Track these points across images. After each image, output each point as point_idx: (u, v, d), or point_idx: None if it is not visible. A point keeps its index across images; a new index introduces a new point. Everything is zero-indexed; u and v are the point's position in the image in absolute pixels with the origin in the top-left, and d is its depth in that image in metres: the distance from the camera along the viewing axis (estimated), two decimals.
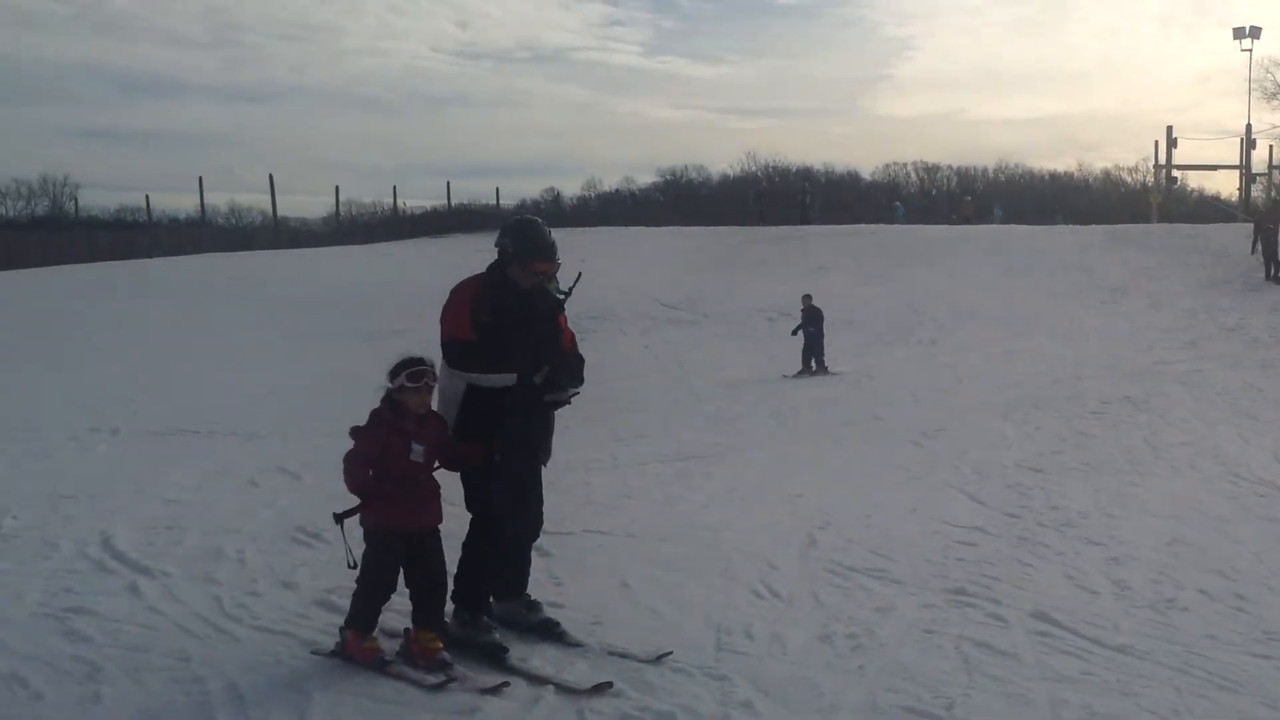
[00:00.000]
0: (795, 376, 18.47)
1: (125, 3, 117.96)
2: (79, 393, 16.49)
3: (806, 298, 19.90)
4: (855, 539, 8.33)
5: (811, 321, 19.30)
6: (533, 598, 6.40)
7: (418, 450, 5.71)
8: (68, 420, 14.05)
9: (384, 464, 5.71)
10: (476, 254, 36.93)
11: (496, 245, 6.20)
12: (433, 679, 5.53)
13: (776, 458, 11.79)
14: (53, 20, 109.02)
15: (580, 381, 6.23)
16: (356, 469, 5.73)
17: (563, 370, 6.06)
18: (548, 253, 6.14)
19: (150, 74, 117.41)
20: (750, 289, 27.57)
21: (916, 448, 12.19)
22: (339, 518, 5.82)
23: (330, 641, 6.15)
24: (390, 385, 5.76)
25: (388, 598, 5.88)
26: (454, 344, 6.02)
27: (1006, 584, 7.18)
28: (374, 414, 5.80)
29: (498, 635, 6.08)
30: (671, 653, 5.85)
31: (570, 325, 6.35)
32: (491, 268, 6.23)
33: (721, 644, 6.15)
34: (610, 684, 5.50)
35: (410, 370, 5.70)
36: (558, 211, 58.16)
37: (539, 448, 6.27)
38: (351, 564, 5.87)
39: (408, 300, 27.12)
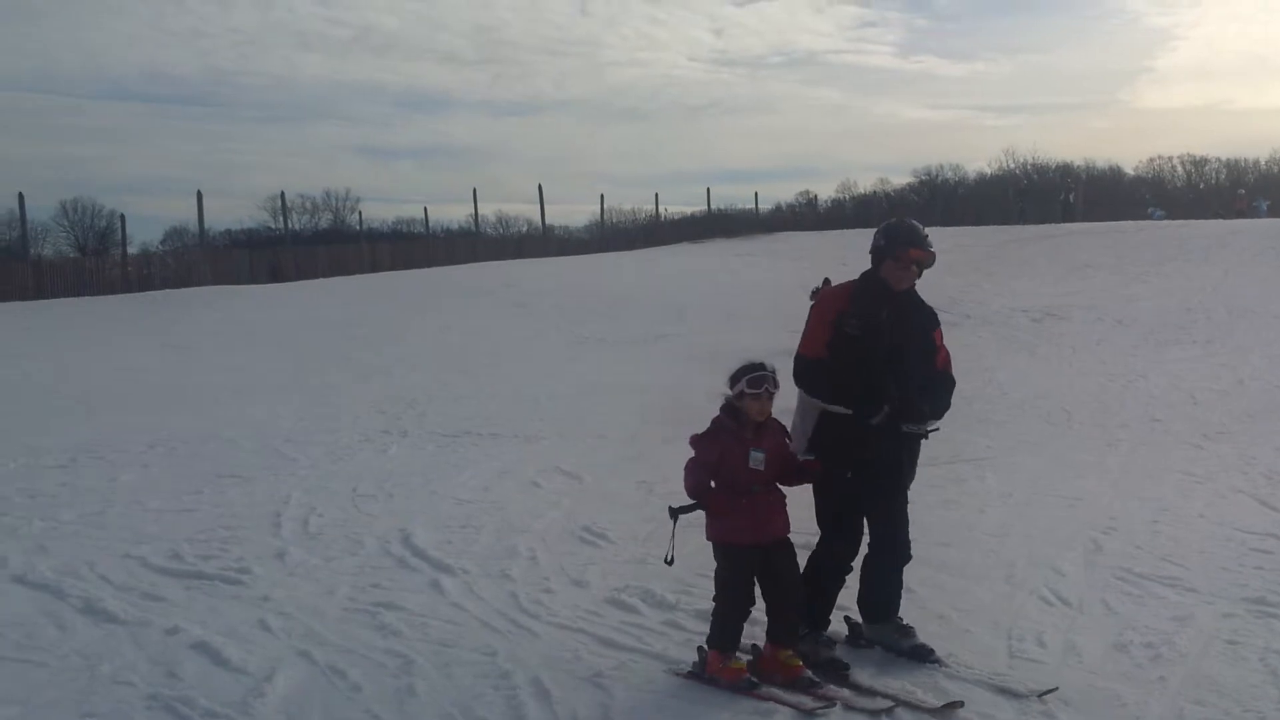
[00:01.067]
0: None
1: (398, 24, 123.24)
2: (369, 396, 17.29)
3: None
4: (1142, 545, 8.16)
5: None
6: (905, 622, 6.16)
7: (757, 458, 5.56)
8: (361, 423, 14.78)
9: (723, 473, 5.63)
10: (736, 258, 37.29)
11: (871, 250, 6.05)
12: (812, 703, 5.36)
13: (1051, 460, 11.58)
14: (331, 43, 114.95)
15: (944, 409, 6.05)
16: (698, 475, 5.65)
17: (915, 401, 5.84)
18: (919, 239, 5.95)
19: (423, 91, 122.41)
20: (1012, 288, 26.96)
21: (1199, 451, 11.80)
22: (675, 512, 5.72)
23: (623, 637, 6.42)
24: (729, 392, 5.64)
25: (746, 614, 5.75)
26: (801, 360, 5.91)
27: None
28: (715, 421, 5.68)
29: (838, 651, 5.95)
30: (1057, 689, 5.51)
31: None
32: (864, 274, 6.05)
33: (1013, 651, 6.12)
34: (961, 703, 5.34)
35: (751, 376, 5.54)
36: (812, 215, 57.89)
37: (902, 472, 6.09)
38: (669, 560, 5.81)
39: (671, 305, 27.59)
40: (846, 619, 6.33)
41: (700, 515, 5.74)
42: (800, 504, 6.04)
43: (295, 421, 14.96)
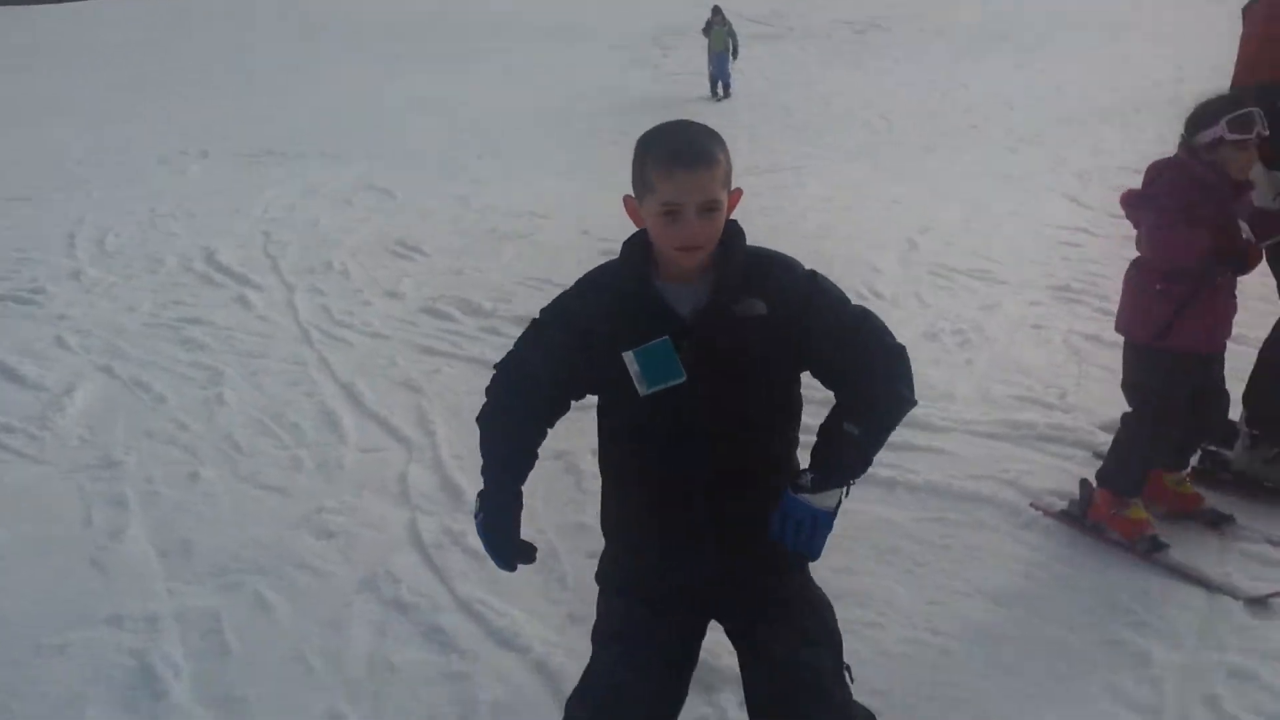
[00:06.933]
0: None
1: None
2: (165, 117, 16.57)
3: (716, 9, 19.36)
4: (956, 242, 8.25)
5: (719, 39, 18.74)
6: None
7: (1245, 228, 3.86)
8: (158, 145, 14.15)
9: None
10: None
11: None
12: (1254, 590, 3.68)
13: (871, 167, 11.59)
14: None
15: None
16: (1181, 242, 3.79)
17: None
18: None
19: None
20: (835, 1, 26.79)
21: (1013, 154, 11.93)
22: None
23: (439, 343, 6.28)
24: (1194, 140, 3.82)
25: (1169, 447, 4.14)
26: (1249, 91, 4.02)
27: (1114, 280, 6.98)
28: (1175, 167, 3.88)
29: None
30: None
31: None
32: None
33: None
34: None
35: (1235, 116, 3.75)
36: None
37: None
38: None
39: (486, 21, 26.73)
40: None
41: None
42: None
43: (89, 143, 14.27)
